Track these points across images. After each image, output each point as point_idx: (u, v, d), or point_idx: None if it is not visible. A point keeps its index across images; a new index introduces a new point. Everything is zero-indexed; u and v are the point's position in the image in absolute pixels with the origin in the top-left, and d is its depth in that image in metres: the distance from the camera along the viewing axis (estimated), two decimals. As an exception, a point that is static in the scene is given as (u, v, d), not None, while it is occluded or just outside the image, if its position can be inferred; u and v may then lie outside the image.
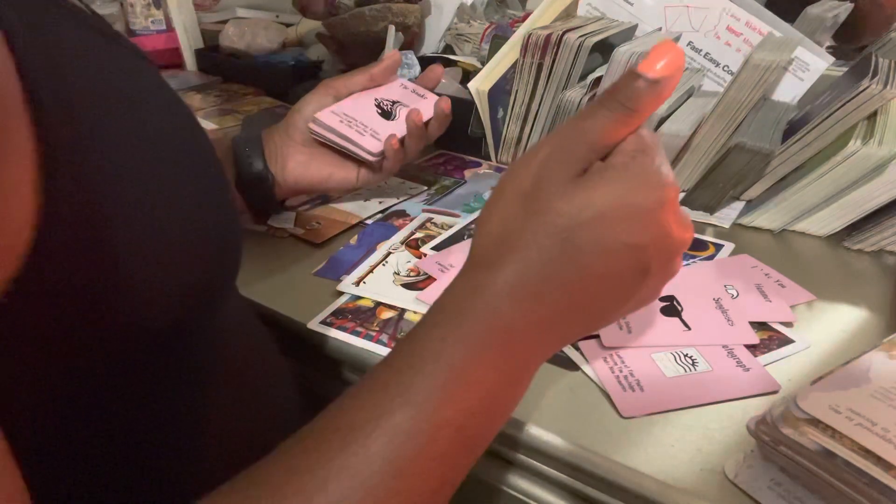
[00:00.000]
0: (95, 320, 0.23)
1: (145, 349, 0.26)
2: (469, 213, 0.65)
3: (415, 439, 0.25)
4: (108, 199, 0.23)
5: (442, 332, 0.27)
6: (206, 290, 0.29)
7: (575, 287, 0.28)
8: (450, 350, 0.26)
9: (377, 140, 0.57)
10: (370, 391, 0.26)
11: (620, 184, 0.28)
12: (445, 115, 0.60)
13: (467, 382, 0.26)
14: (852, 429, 0.31)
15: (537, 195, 0.28)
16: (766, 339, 0.46)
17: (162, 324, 0.26)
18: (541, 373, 0.44)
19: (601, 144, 0.29)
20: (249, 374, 0.38)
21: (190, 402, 0.32)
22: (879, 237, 0.58)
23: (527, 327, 0.28)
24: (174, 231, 0.26)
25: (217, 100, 0.96)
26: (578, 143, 0.29)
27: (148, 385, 0.28)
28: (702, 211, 0.65)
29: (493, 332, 0.27)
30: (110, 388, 0.26)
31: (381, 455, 0.24)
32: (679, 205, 0.31)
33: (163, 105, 0.30)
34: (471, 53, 0.95)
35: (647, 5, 0.78)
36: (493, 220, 0.29)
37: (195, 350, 0.30)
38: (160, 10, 1.12)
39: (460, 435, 0.26)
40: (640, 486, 0.36)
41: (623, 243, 0.28)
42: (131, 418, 0.28)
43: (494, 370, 0.27)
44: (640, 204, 0.28)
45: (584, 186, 0.28)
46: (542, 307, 0.28)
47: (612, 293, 0.29)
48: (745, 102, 0.62)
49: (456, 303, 0.28)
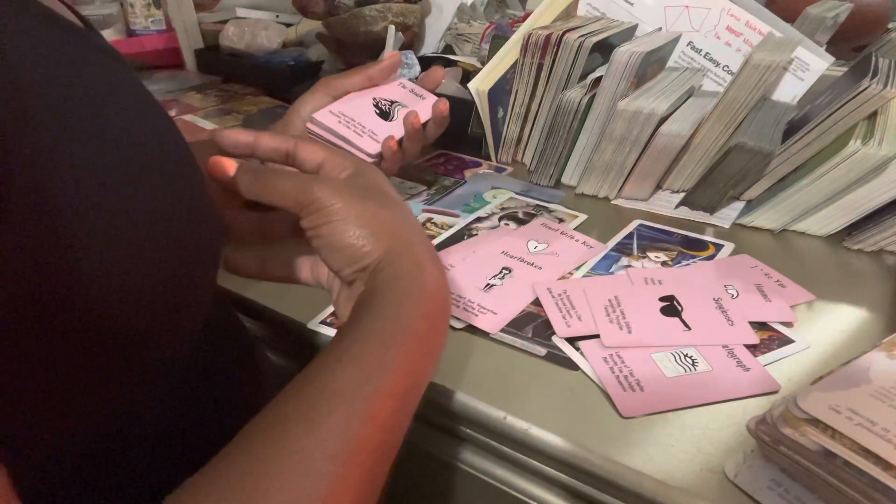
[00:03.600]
0: (56, 325, 0.22)
1: (118, 352, 0.25)
2: (469, 213, 0.65)
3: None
4: (66, 202, 0.22)
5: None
6: (180, 293, 0.28)
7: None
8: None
9: (375, 141, 0.57)
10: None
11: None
12: (443, 116, 0.60)
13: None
14: (852, 429, 0.31)
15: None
16: (766, 339, 0.46)
17: (133, 326, 0.25)
18: (541, 373, 0.44)
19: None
20: (229, 375, 0.38)
21: (167, 404, 0.31)
22: (879, 237, 0.58)
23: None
24: (140, 234, 0.26)
25: (217, 100, 0.96)
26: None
27: (125, 388, 0.28)
28: (702, 211, 0.65)
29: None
30: (83, 393, 0.25)
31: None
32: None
33: (132, 104, 0.29)
34: (471, 53, 0.95)
35: (647, 5, 0.78)
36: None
37: (172, 352, 0.30)
38: (160, 10, 1.12)
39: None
40: (640, 486, 0.36)
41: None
42: (106, 421, 0.28)
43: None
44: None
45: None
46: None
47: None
48: (745, 102, 0.62)
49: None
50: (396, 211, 0.37)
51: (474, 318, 0.48)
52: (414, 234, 0.37)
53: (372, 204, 0.36)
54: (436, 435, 0.46)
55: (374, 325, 0.32)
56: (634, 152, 0.64)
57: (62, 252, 0.22)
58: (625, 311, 0.48)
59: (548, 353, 0.45)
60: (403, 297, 0.34)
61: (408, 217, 0.38)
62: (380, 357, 0.31)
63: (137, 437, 0.30)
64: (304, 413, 0.28)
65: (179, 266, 0.28)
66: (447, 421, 0.44)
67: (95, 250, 0.24)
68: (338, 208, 0.35)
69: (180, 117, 0.90)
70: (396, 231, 0.36)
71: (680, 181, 0.68)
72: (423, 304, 0.34)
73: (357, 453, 0.28)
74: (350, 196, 0.36)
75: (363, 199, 0.36)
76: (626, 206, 0.67)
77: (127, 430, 0.29)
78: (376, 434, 0.29)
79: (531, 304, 0.50)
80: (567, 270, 0.55)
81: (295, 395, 0.29)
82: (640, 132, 0.63)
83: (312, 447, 0.27)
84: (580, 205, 0.67)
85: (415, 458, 0.47)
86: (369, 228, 0.35)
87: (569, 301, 0.50)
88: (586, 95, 0.65)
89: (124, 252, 0.25)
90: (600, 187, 0.68)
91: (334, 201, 0.35)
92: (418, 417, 0.45)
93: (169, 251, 0.27)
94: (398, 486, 0.51)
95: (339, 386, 0.29)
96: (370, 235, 0.35)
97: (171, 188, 0.29)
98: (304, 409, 0.28)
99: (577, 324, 0.47)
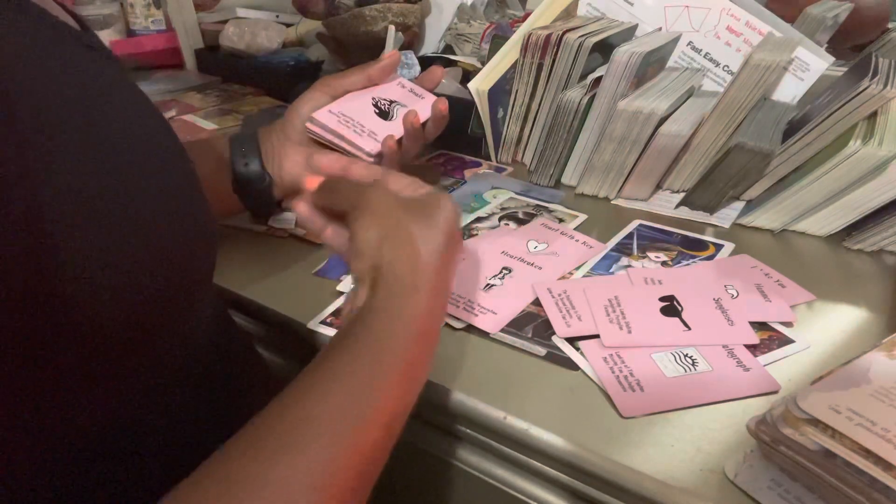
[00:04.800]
0: (47, 328, 0.22)
1: (110, 357, 0.25)
2: (469, 214, 0.65)
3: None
4: (55, 202, 0.22)
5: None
6: (173, 293, 0.28)
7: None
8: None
9: (375, 140, 0.57)
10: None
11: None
12: (442, 116, 0.59)
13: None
14: (852, 429, 0.31)
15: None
16: (766, 339, 0.46)
17: (125, 328, 0.25)
18: (541, 373, 0.44)
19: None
20: (228, 379, 0.38)
21: (163, 410, 0.31)
22: (879, 237, 0.58)
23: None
24: (128, 234, 0.25)
25: (217, 100, 0.96)
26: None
27: (119, 394, 0.27)
28: (702, 211, 0.65)
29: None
30: (77, 399, 0.25)
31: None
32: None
33: (123, 104, 0.29)
34: (471, 53, 0.95)
35: (647, 5, 0.78)
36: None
37: (166, 356, 0.30)
38: (160, 10, 1.12)
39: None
40: (640, 486, 0.36)
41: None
42: (101, 428, 0.27)
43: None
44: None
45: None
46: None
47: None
48: (745, 102, 0.62)
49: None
50: (431, 236, 0.37)
51: (474, 318, 0.48)
52: (431, 255, 0.36)
53: (409, 219, 0.37)
54: (436, 435, 0.46)
55: (367, 346, 0.32)
56: (634, 152, 0.64)
57: (51, 252, 0.22)
58: (625, 311, 0.48)
59: (548, 353, 0.45)
60: (396, 321, 0.34)
61: (437, 245, 0.37)
62: (369, 381, 0.31)
63: (134, 444, 0.30)
64: (287, 440, 0.27)
65: (172, 266, 0.28)
66: (447, 421, 0.44)
67: (84, 251, 0.23)
68: (372, 207, 0.37)
69: (180, 117, 0.89)
70: (411, 247, 0.36)
71: (680, 181, 0.68)
72: (415, 326, 0.34)
73: (336, 485, 0.27)
74: (392, 205, 0.37)
75: (403, 211, 0.37)
76: (626, 206, 0.67)
77: (123, 436, 0.29)
78: (358, 464, 0.28)
79: (531, 304, 0.50)
80: (567, 270, 0.55)
81: (279, 417, 0.29)
82: (640, 132, 0.63)
83: (292, 477, 0.26)
84: (580, 205, 0.67)
85: (415, 458, 0.47)
86: (387, 232, 0.36)
87: (569, 301, 0.50)
88: (586, 95, 0.65)
89: (115, 251, 0.25)
90: (600, 187, 0.68)
91: (376, 203, 0.37)
92: (418, 417, 0.46)
93: (160, 250, 0.27)
94: (398, 486, 0.52)
95: (324, 411, 0.29)
96: (384, 238, 0.36)
97: (163, 188, 0.29)
98: (287, 435, 0.28)
99: (577, 324, 0.47)
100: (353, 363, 0.31)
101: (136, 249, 0.26)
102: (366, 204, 0.38)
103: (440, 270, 0.37)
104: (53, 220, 0.22)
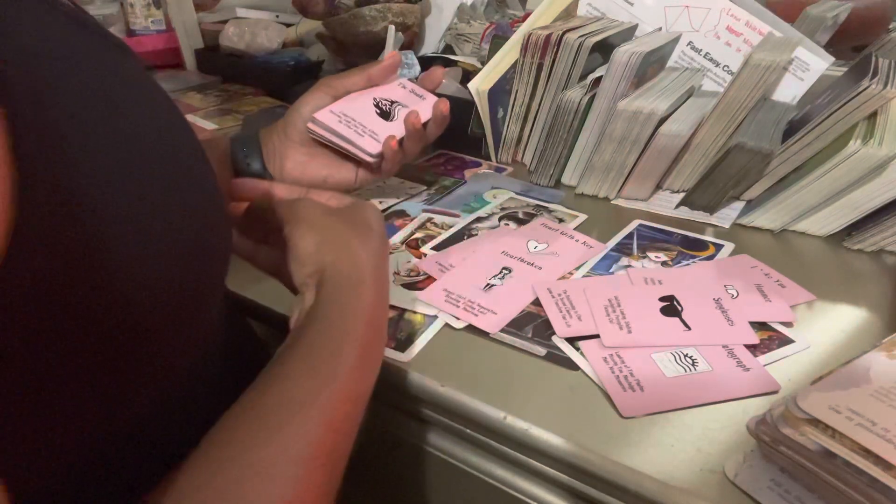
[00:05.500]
0: (73, 328, 0.22)
1: (134, 349, 0.25)
2: (469, 214, 0.65)
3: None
4: (84, 203, 0.22)
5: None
6: (189, 289, 0.28)
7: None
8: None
9: (376, 141, 0.57)
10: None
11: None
12: (443, 116, 0.60)
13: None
14: (852, 429, 0.31)
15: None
16: (766, 339, 0.46)
17: (147, 323, 0.25)
18: (541, 373, 0.44)
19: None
20: (233, 371, 0.38)
21: (176, 416, 0.31)
22: (879, 237, 0.58)
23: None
24: (154, 231, 0.26)
25: (217, 100, 0.96)
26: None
27: (134, 398, 0.27)
28: (702, 211, 0.65)
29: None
30: (90, 404, 0.25)
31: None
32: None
33: (144, 101, 0.29)
34: (471, 53, 0.95)
35: (647, 5, 0.78)
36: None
37: (181, 359, 0.30)
38: (160, 10, 1.12)
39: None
40: (640, 486, 0.36)
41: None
42: (114, 433, 0.27)
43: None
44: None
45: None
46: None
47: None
48: (745, 102, 0.62)
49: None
50: (365, 237, 0.40)
51: (474, 318, 0.48)
52: (369, 252, 0.39)
53: (342, 225, 0.39)
54: (435, 435, 0.46)
55: (323, 336, 0.34)
56: (634, 152, 0.64)
57: (80, 251, 0.22)
58: (625, 311, 0.48)
59: (548, 353, 0.45)
60: (347, 309, 0.36)
61: (373, 244, 0.40)
62: (331, 366, 0.33)
63: (146, 449, 0.30)
64: (265, 422, 0.30)
65: (190, 262, 0.28)
66: (447, 421, 0.44)
67: (113, 249, 0.23)
68: (306, 218, 0.39)
69: (180, 117, 0.89)
70: (349, 248, 0.38)
71: (680, 181, 0.68)
72: (365, 313, 0.36)
73: (317, 457, 0.30)
74: (323, 213, 0.40)
75: (334, 218, 0.40)
76: (626, 206, 0.67)
77: (136, 441, 0.29)
78: (333, 437, 0.31)
79: (531, 304, 0.50)
80: (567, 270, 0.55)
81: (252, 406, 0.31)
82: (640, 132, 0.63)
83: (276, 454, 0.28)
84: (580, 205, 0.67)
85: (415, 458, 0.47)
86: (323, 237, 0.38)
87: (569, 301, 0.50)
88: (586, 95, 0.65)
89: (140, 249, 0.25)
90: (600, 187, 0.68)
91: (308, 214, 0.39)
92: (418, 417, 0.46)
93: (182, 247, 0.27)
94: (398, 486, 0.52)
95: (295, 394, 0.31)
96: (322, 243, 0.38)
97: (183, 184, 0.29)
98: (264, 419, 0.30)
99: (577, 324, 0.47)
100: (318, 351, 0.33)
101: (169, 247, 0.26)
102: (299, 216, 0.39)
103: (379, 266, 0.39)
104: (87, 222, 0.22)
